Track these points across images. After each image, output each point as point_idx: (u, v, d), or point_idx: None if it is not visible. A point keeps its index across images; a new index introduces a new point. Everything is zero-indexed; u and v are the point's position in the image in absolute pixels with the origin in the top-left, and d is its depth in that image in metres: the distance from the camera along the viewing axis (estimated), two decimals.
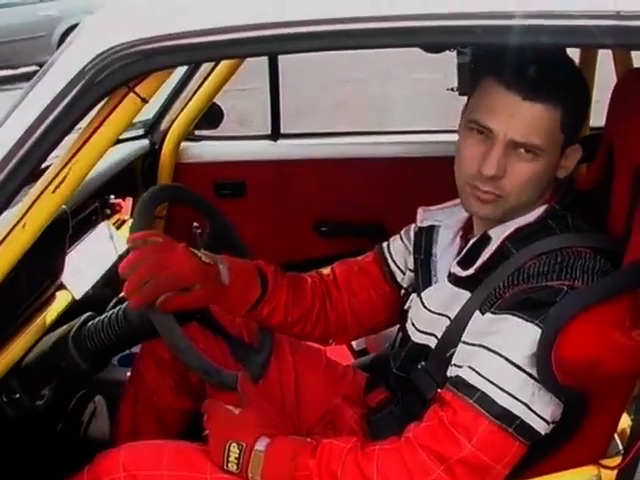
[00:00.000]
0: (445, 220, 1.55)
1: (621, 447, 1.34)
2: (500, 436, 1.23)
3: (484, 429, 1.23)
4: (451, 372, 1.34)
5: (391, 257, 1.68)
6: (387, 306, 1.69)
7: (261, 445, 1.34)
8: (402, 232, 1.68)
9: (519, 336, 1.24)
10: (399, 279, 1.67)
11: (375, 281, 1.68)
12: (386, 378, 1.58)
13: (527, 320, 1.23)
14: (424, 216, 1.59)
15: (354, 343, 2.33)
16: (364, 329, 1.74)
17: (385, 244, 1.71)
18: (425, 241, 1.57)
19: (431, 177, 1.55)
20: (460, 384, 1.27)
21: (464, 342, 1.33)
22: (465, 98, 1.43)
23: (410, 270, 1.62)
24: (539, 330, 1.22)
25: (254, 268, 1.58)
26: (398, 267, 1.67)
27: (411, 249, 1.62)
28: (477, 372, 1.25)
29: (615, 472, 1.23)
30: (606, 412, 1.34)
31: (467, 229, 1.50)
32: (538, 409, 1.24)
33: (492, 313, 1.29)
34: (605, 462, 1.27)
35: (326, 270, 1.74)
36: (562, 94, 1.29)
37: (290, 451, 1.33)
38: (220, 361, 1.55)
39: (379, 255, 1.70)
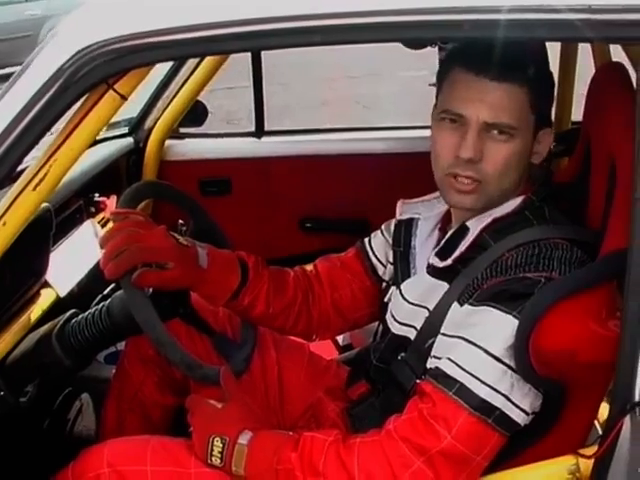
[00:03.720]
0: (424, 213, 1.56)
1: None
2: (479, 427, 1.24)
3: (463, 420, 1.24)
4: (430, 364, 1.35)
5: (372, 251, 1.69)
6: (369, 300, 1.70)
7: (244, 439, 1.35)
8: (383, 226, 1.69)
9: (498, 328, 1.25)
10: (380, 272, 1.68)
11: (357, 276, 1.69)
12: (367, 370, 1.59)
13: (505, 312, 1.24)
14: (403, 209, 1.60)
15: (339, 338, 2.34)
16: (347, 324, 1.75)
17: (367, 239, 1.72)
18: (404, 234, 1.57)
19: (416, 173, 1.55)
20: (439, 376, 1.28)
21: (443, 334, 1.34)
22: None
23: (390, 263, 1.63)
24: (515, 321, 1.23)
25: (234, 256, 1.59)
26: (379, 260, 1.68)
27: (391, 242, 1.63)
28: (456, 364, 1.26)
29: (592, 461, 1.24)
30: (585, 402, 1.35)
31: (446, 222, 1.51)
32: (517, 400, 1.25)
33: (470, 305, 1.30)
34: (583, 451, 1.27)
35: (309, 266, 1.75)
36: (528, 74, 1.33)
37: (273, 444, 1.34)
38: (203, 357, 1.56)
39: (360, 250, 1.71)
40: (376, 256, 1.69)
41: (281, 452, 1.32)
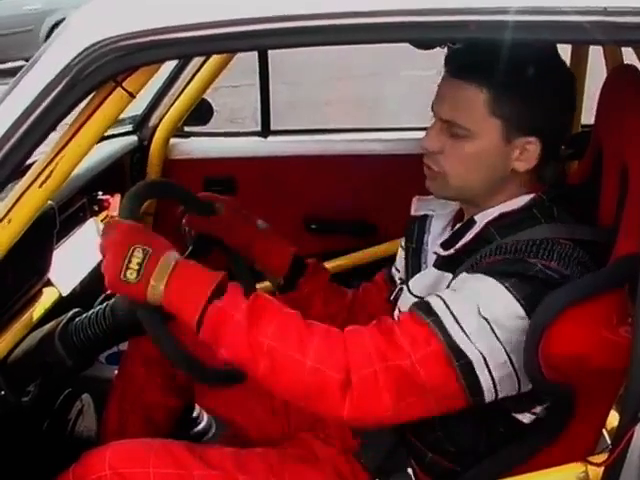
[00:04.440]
0: (438, 210, 1.56)
1: (610, 443, 1.35)
2: (442, 364, 1.22)
3: (431, 349, 1.22)
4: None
5: (395, 267, 1.71)
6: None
7: (173, 257, 1.27)
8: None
9: (491, 295, 1.24)
10: (396, 278, 1.69)
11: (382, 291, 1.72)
12: None
13: (500, 282, 1.24)
14: (418, 205, 1.61)
15: None
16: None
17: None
18: (418, 230, 1.58)
19: (422, 174, 1.56)
20: (422, 305, 1.28)
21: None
22: None
23: (402, 247, 1.64)
24: (509, 295, 1.22)
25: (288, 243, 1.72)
26: (396, 268, 1.70)
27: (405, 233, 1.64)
28: (444, 301, 1.25)
29: (602, 469, 1.24)
30: (594, 409, 1.35)
31: (458, 219, 1.51)
32: (491, 365, 1.22)
33: (467, 272, 1.31)
34: (592, 459, 1.27)
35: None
36: (489, 76, 1.31)
37: (210, 275, 1.26)
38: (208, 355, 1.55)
39: (387, 274, 1.75)
40: (395, 267, 1.71)
41: (226, 290, 1.25)
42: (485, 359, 1.22)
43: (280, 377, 1.24)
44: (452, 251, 1.40)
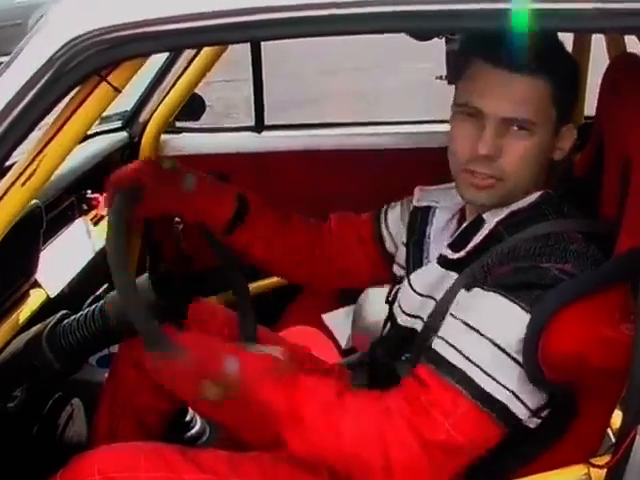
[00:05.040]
0: (443, 202, 1.56)
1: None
2: (478, 419, 1.23)
3: (465, 410, 1.23)
4: (433, 344, 1.32)
5: (385, 222, 1.71)
6: (371, 268, 1.74)
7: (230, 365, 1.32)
8: (404, 200, 1.71)
9: (504, 318, 1.24)
10: (387, 245, 1.70)
11: (364, 242, 1.72)
12: (370, 373, 1.59)
13: (513, 301, 1.23)
14: (421, 195, 1.60)
15: (342, 342, 2.35)
16: (344, 284, 1.83)
17: (384, 207, 1.74)
18: (420, 221, 1.58)
19: (424, 169, 1.56)
20: (439, 360, 1.27)
21: (450, 314, 1.33)
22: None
23: (403, 244, 1.63)
24: (525, 314, 1.22)
25: (231, 189, 1.66)
26: (389, 232, 1.70)
27: (405, 220, 1.64)
28: (458, 351, 1.25)
29: (604, 471, 1.24)
30: (596, 409, 1.34)
31: (464, 212, 1.51)
32: (523, 396, 1.24)
33: (478, 288, 1.30)
34: (595, 460, 1.27)
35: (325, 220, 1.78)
36: (550, 66, 1.31)
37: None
38: None
39: (375, 216, 1.73)
40: (387, 227, 1.70)
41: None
42: (516, 394, 1.24)
43: (320, 452, 1.31)
44: (462, 254, 1.39)
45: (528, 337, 1.21)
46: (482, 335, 1.24)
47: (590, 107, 2.36)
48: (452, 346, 1.27)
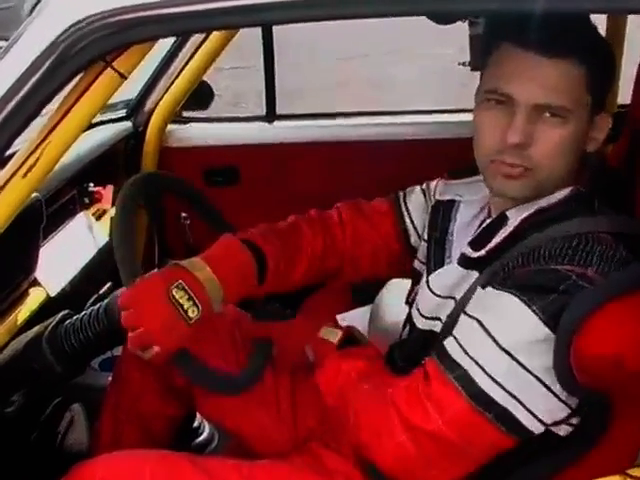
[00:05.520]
0: (467, 196, 1.54)
1: None
2: (476, 419, 1.25)
3: (459, 408, 1.25)
4: (445, 340, 1.35)
5: (408, 213, 1.70)
6: (391, 263, 1.73)
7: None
8: (423, 185, 1.69)
9: (515, 319, 1.24)
10: (412, 240, 1.69)
11: (384, 237, 1.71)
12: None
13: (526, 304, 1.23)
14: (444, 189, 1.59)
15: None
16: (359, 278, 1.80)
17: (401, 195, 1.72)
18: (442, 217, 1.56)
19: (443, 161, 1.55)
20: (444, 356, 1.30)
21: (464, 312, 1.34)
22: (479, 73, 1.43)
23: (424, 240, 1.63)
24: (536, 318, 1.22)
25: (247, 264, 1.54)
26: (414, 226, 1.69)
27: (429, 210, 1.63)
28: (463, 348, 1.27)
29: None
30: (633, 416, 1.33)
31: (490, 208, 1.49)
32: (527, 402, 1.24)
33: (495, 288, 1.30)
34: (632, 471, 1.26)
35: (333, 211, 1.75)
36: (585, 50, 1.30)
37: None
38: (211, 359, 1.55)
39: (394, 208, 1.71)
40: (412, 220, 1.69)
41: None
42: (518, 398, 1.24)
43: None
44: (483, 253, 1.39)
45: (559, 339, 1.21)
46: (490, 336, 1.25)
47: (623, 95, 2.37)
48: (459, 344, 1.29)
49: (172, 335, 1.40)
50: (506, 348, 1.24)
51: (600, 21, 1.53)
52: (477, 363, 1.25)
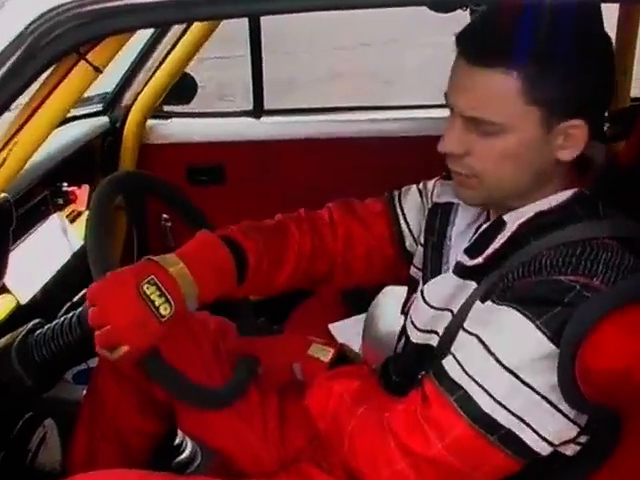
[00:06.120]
0: None
1: None
2: (478, 442, 1.26)
3: (460, 432, 1.26)
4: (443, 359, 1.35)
5: (403, 215, 1.70)
6: (386, 267, 1.73)
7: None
8: (419, 185, 1.70)
9: (516, 335, 1.25)
10: (407, 243, 1.70)
11: (378, 240, 1.71)
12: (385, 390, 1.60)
13: (529, 318, 1.24)
14: (442, 190, 1.60)
15: None
16: (352, 284, 1.80)
17: (396, 194, 1.72)
18: (440, 220, 1.57)
19: (440, 158, 1.55)
20: (443, 377, 1.30)
21: (462, 328, 1.35)
22: None
23: (421, 244, 1.63)
24: (539, 333, 1.23)
25: (226, 260, 1.54)
26: (409, 229, 1.70)
27: (426, 212, 1.64)
28: (462, 367, 1.28)
29: None
30: None
31: (489, 212, 1.50)
32: (532, 421, 1.25)
33: (493, 302, 1.31)
34: None
35: (324, 211, 1.75)
36: (520, 58, 1.28)
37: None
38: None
39: (389, 210, 1.72)
40: (407, 222, 1.70)
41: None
42: (523, 419, 1.25)
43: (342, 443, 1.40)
44: (480, 260, 1.40)
45: (563, 352, 1.22)
46: (491, 353, 1.26)
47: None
48: (458, 362, 1.29)
49: (142, 333, 1.39)
50: (509, 366, 1.24)
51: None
52: (478, 383, 1.25)
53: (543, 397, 1.24)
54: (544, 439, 1.26)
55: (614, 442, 1.32)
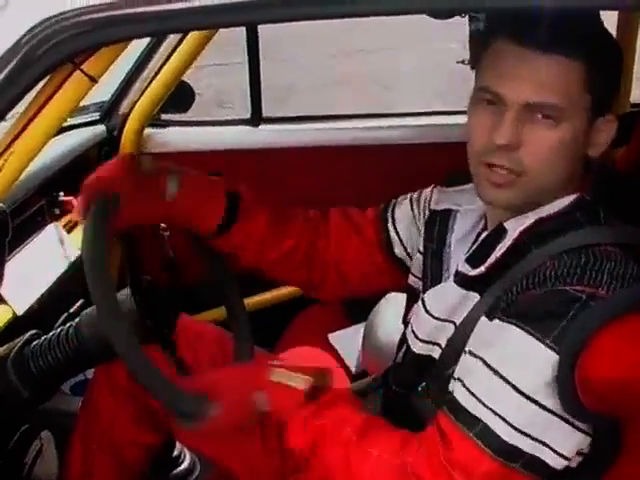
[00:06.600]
0: (465, 204, 1.55)
1: None
2: (503, 472, 1.25)
3: (486, 467, 1.25)
4: (452, 386, 1.35)
5: (392, 221, 1.71)
6: (377, 273, 1.74)
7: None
8: (414, 195, 1.70)
9: (526, 356, 1.25)
10: (396, 250, 1.70)
11: (367, 246, 1.72)
12: (383, 402, 1.60)
13: (535, 337, 1.23)
14: (439, 197, 1.60)
15: (351, 366, 2.35)
16: (348, 291, 1.81)
17: (392, 203, 1.73)
18: (439, 227, 1.57)
19: (445, 167, 1.55)
20: (459, 411, 1.29)
21: (467, 351, 1.35)
22: None
23: (420, 252, 1.63)
24: (550, 351, 1.22)
25: (220, 187, 1.66)
26: (399, 237, 1.70)
27: (421, 222, 1.64)
28: (476, 397, 1.27)
29: None
30: None
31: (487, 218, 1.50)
32: (552, 443, 1.25)
33: (499, 319, 1.30)
34: None
35: (326, 214, 1.78)
36: (585, 46, 1.31)
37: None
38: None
39: (380, 216, 1.73)
40: (397, 230, 1.70)
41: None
42: (544, 442, 1.24)
43: None
44: (482, 269, 1.39)
45: (562, 361, 1.21)
46: (503, 378, 1.25)
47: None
48: (472, 394, 1.28)
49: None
50: (525, 392, 1.24)
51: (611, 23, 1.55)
52: (496, 413, 1.25)
53: (561, 417, 1.24)
54: (562, 456, 1.26)
55: (615, 452, 1.31)
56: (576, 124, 1.33)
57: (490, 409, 1.25)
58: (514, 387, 1.24)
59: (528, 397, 1.24)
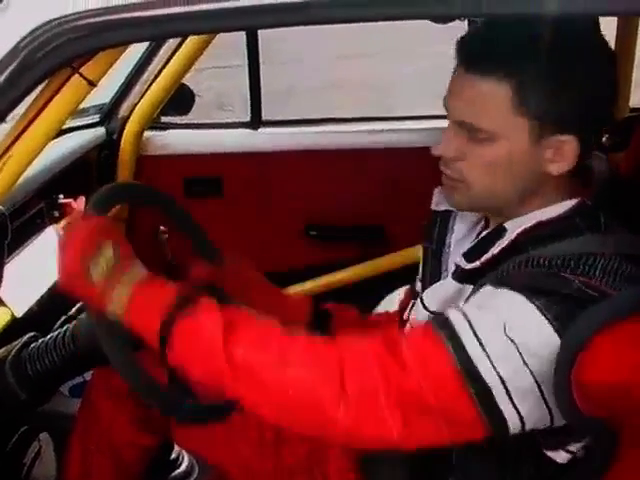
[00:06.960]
0: None
1: None
2: (455, 387, 1.21)
3: (442, 370, 1.22)
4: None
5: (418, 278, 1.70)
6: None
7: (141, 268, 1.33)
8: None
9: (520, 314, 1.23)
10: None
11: None
12: None
13: (528, 300, 1.23)
14: (440, 198, 1.60)
15: None
16: None
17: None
18: (439, 228, 1.59)
19: (438, 170, 1.56)
20: (438, 317, 1.29)
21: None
22: None
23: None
24: (541, 316, 1.21)
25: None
26: None
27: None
28: (464, 314, 1.25)
29: None
30: None
31: (489, 220, 1.51)
32: (515, 395, 1.22)
33: (492, 285, 1.29)
34: None
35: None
36: (511, 67, 1.29)
37: (177, 285, 1.30)
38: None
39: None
40: None
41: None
42: (506, 386, 1.22)
43: (262, 393, 1.24)
44: (478, 264, 1.40)
45: (560, 364, 1.21)
46: (492, 314, 1.24)
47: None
48: (457, 309, 1.27)
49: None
50: (511, 336, 1.21)
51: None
52: (474, 330, 1.23)
53: (533, 378, 1.22)
54: (520, 416, 1.23)
55: (612, 456, 1.31)
56: (512, 145, 1.33)
57: (469, 323, 1.23)
58: (504, 326, 1.22)
59: (512, 341, 1.22)
